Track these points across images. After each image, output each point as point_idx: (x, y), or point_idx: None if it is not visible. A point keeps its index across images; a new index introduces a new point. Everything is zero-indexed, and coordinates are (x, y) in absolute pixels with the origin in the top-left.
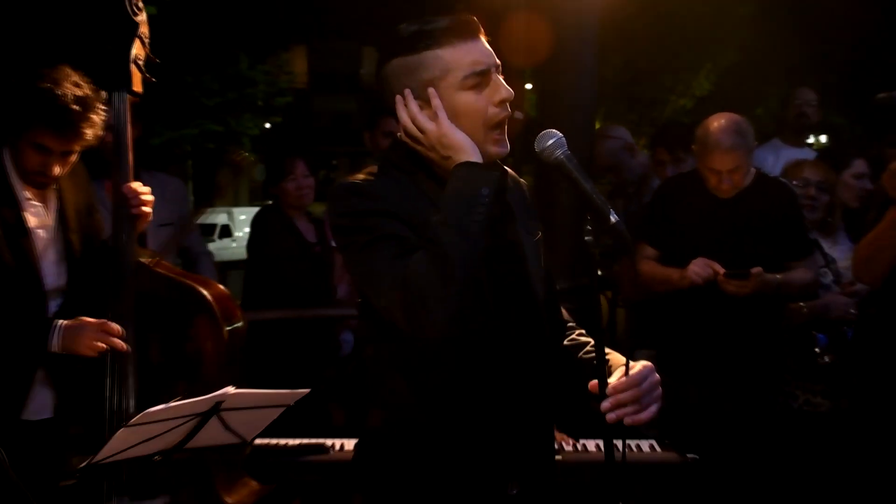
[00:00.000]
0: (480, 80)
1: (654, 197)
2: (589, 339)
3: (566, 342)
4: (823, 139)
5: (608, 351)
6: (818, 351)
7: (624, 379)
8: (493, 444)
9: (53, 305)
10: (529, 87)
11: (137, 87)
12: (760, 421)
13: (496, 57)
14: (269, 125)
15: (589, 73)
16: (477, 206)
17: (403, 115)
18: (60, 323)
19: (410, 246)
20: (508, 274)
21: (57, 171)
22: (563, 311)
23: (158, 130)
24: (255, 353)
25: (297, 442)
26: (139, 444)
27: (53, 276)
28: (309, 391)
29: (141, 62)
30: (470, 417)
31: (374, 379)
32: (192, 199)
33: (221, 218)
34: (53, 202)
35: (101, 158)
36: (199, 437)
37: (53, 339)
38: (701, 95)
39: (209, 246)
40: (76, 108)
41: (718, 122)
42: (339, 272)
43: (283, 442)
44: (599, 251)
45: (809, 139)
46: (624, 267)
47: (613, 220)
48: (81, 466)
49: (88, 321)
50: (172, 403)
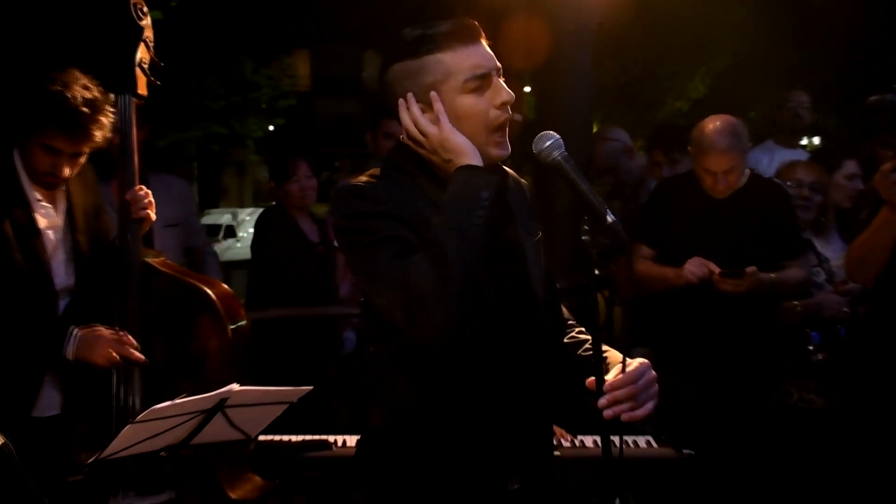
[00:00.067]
0: (481, 83)
1: (650, 197)
2: (588, 336)
3: (566, 340)
4: (816, 141)
5: (606, 348)
6: (812, 349)
7: (621, 376)
8: (493, 440)
9: (62, 305)
10: (528, 90)
11: (142, 90)
12: (755, 417)
13: (497, 60)
14: (272, 127)
15: (586, 76)
16: (477, 209)
17: (406, 118)
18: (76, 331)
19: (411, 247)
20: (508, 274)
21: (66, 172)
22: (563, 308)
23: (164, 133)
24: (258, 351)
25: (300, 438)
26: (145, 440)
27: (62, 275)
28: (311, 388)
29: (146, 66)
30: (470, 416)
31: (374, 378)
32: (196, 199)
33: (226, 218)
34: (62, 203)
35: (107, 160)
36: (204, 433)
37: (68, 346)
38: (696, 98)
39: (214, 246)
40: (85, 110)
41: (713, 124)
42: (341, 271)
43: (286, 438)
44: (597, 251)
45: (803, 141)
46: (621, 266)
47: (610, 220)
48: (89, 462)
49: (104, 332)
50: (178, 400)
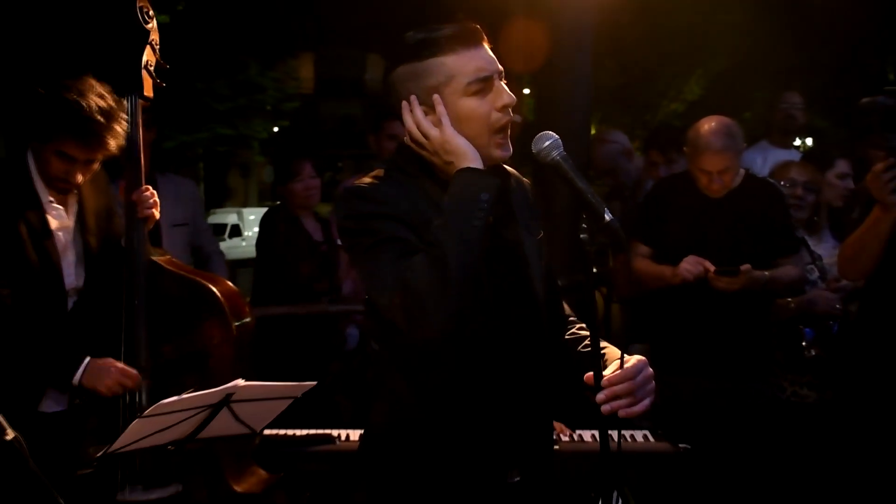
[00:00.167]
0: (484, 85)
1: (647, 197)
2: (588, 332)
3: (567, 336)
4: (809, 142)
5: (605, 344)
6: (805, 344)
7: (619, 372)
8: (494, 436)
9: (70, 304)
10: (527, 92)
11: (149, 91)
12: (750, 411)
13: (499, 63)
14: (277, 129)
15: (584, 78)
16: (476, 211)
17: (409, 120)
18: (88, 360)
19: (412, 249)
20: (509, 274)
21: (79, 178)
22: (564, 305)
23: (171, 134)
24: (263, 347)
25: (304, 432)
26: (153, 434)
27: (72, 276)
28: (315, 384)
29: (152, 68)
30: (470, 412)
31: (376, 376)
32: (203, 199)
33: (232, 218)
34: (74, 205)
35: (114, 160)
36: (210, 427)
37: (77, 374)
38: (692, 100)
39: (220, 245)
40: (100, 119)
41: (709, 124)
42: (344, 270)
43: (290, 433)
44: (595, 249)
45: (796, 142)
46: (618, 264)
47: (608, 218)
48: (98, 455)
49: (114, 366)
50: (185, 395)
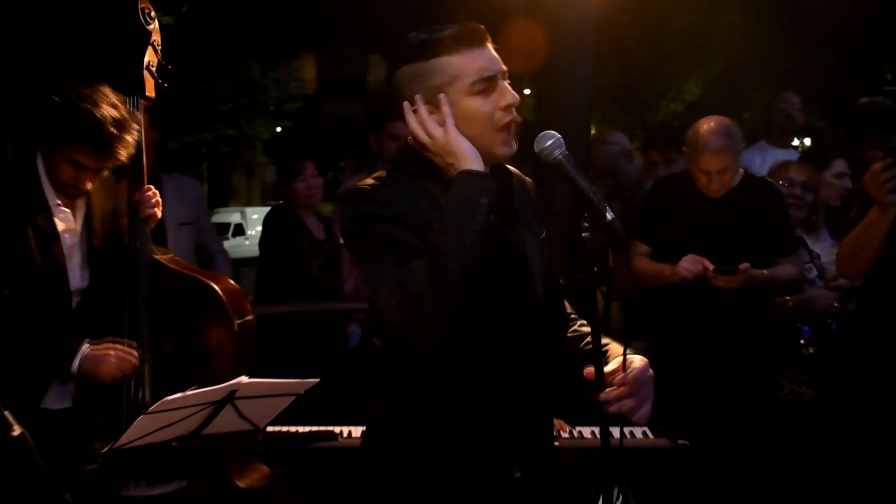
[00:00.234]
0: (487, 85)
1: (646, 196)
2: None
3: (569, 334)
4: (808, 142)
5: (608, 341)
6: (803, 342)
7: (624, 375)
8: (495, 433)
9: (74, 304)
10: (528, 92)
11: (150, 92)
12: (748, 409)
13: (502, 64)
14: (279, 129)
15: (584, 79)
16: (476, 214)
17: (412, 119)
18: (86, 347)
19: (413, 252)
20: (510, 273)
21: (88, 185)
22: (566, 304)
23: (176, 135)
24: (267, 345)
25: (306, 429)
26: (158, 430)
27: (77, 278)
28: (318, 381)
29: (153, 69)
30: (471, 411)
31: (378, 374)
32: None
33: (235, 217)
34: (81, 208)
35: None
36: (214, 424)
37: (75, 362)
38: (691, 100)
39: (223, 244)
40: (113, 130)
41: (708, 124)
42: (346, 268)
43: (293, 429)
44: (596, 248)
45: (794, 141)
46: (618, 263)
47: (609, 217)
48: (104, 451)
49: (113, 349)
50: (189, 392)
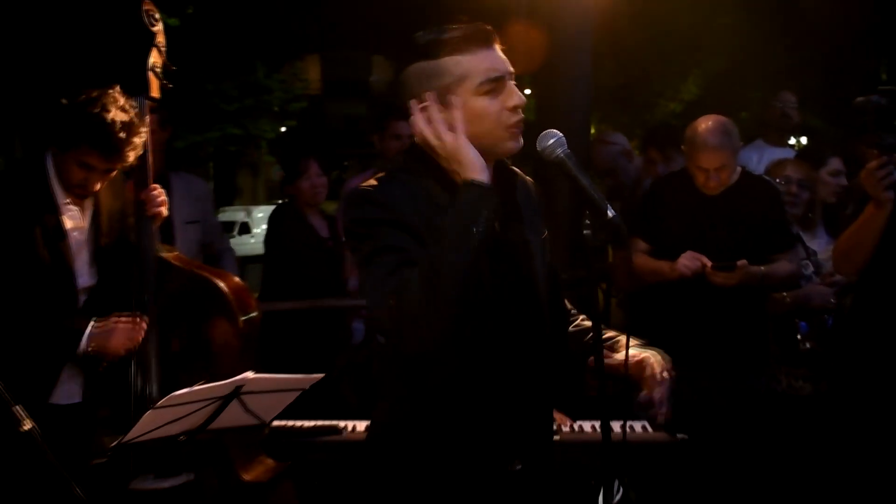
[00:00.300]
0: (495, 86)
1: (645, 194)
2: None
3: (571, 329)
4: (804, 140)
5: (614, 333)
6: (800, 338)
7: (661, 382)
8: (496, 428)
9: (81, 302)
10: (528, 92)
11: (155, 93)
12: (746, 403)
13: (510, 65)
14: (284, 129)
15: (584, 79)
16: (475, 232)
17: (419, 119)
18: (92, 326)
19: (411, 259)
20: (511, 271)
21: (97, 186)
22: (565, 301)
23: (182, 135)
24: (272, 341)
25: (311, 423)
26: (165, 424)
27: (85, 276)
28: (323, 376)
29: (158, 70)
30: (472, 406)
31: (380, 370)
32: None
33: (240, 216)
34: (89, 207)
35: None
36: (221, 418)
37: (82, 343)
38: (689, 100)
39: (229, 242)
40: (122, 134)
41: (706, 123)
42: (349, 266)
43: (298, 423)
44: (597, 245)
45: (791, 140)
46: (618, 260)
47: (610, 214)
48: (112, 445)
49: (119, 321)
50: (196, 387)
